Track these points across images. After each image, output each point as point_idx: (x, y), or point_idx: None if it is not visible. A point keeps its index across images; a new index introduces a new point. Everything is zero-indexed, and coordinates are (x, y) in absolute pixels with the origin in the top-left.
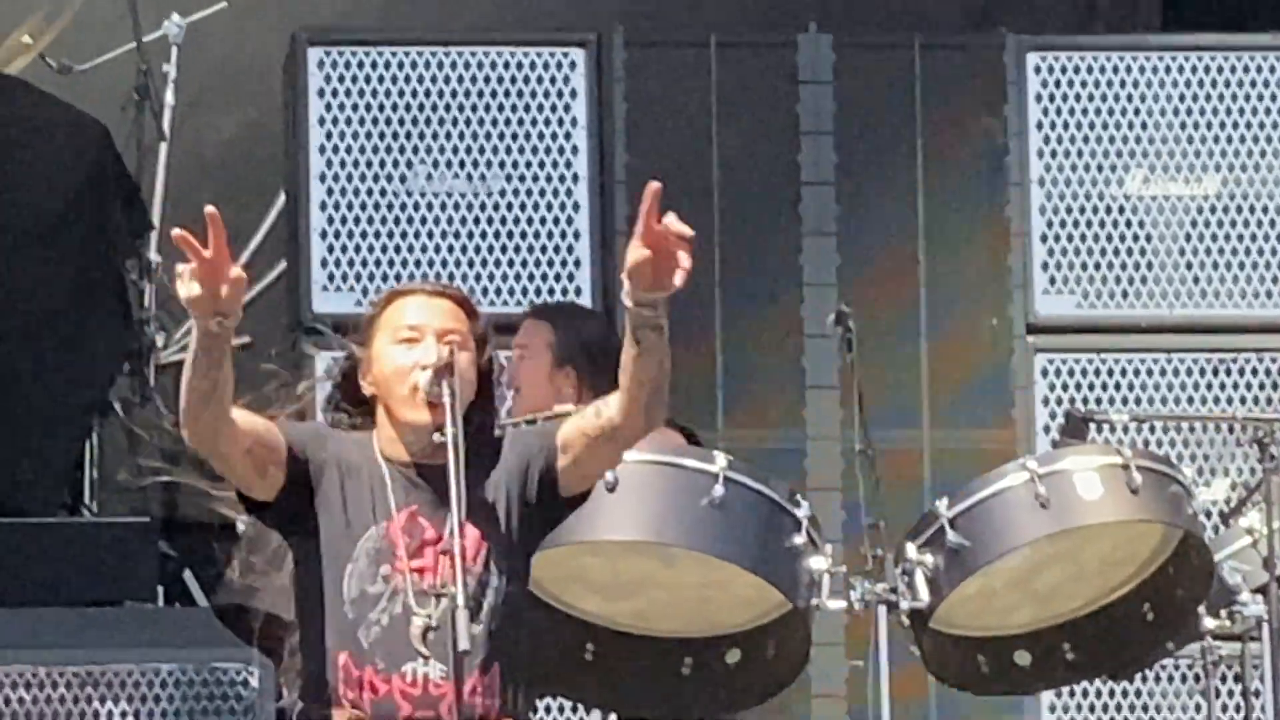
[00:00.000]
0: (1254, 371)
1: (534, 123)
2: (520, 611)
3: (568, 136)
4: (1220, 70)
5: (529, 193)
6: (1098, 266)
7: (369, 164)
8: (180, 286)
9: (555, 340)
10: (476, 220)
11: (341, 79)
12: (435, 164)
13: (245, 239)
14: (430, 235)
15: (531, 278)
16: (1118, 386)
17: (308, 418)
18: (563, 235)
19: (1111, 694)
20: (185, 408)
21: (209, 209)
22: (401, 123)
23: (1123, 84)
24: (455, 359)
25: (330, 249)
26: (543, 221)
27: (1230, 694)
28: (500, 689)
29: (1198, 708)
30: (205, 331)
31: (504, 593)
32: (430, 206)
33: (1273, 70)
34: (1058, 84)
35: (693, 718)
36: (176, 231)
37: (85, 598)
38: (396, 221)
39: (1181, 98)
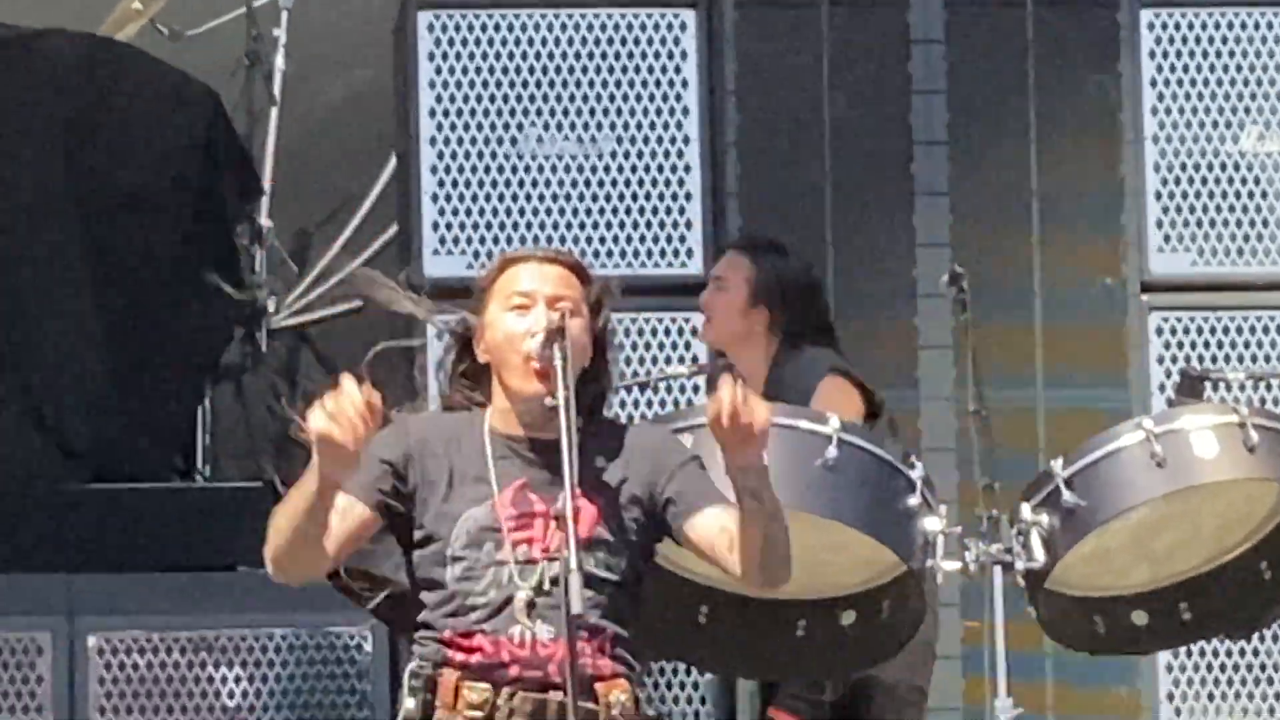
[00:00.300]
0: None
1: (645, 84)
2: (630, 587)
3: (678, 98)
4: None
5: (639, 155)
6: (1212, 224)
7: (479, 127)
8: (316, 420)
9: (753, 277)
10: (587, 183)
11: (452, 42)
12: (546, 126)
13: (356, 203)
14: (541, 198)
15: (642, 239)
16: (1233, 344)
17: (420, 395)
18: (674, 197)
19: (1229, 654)
20: (283, 549)
21: (370, 399)
22: (512, 85)
23: (1237, 40)
24: (566, 324)
25: (441, 212)
26: (654, 184)
27: None
28: (611, 652)
29: None
30: (327, 478)
31: (617, 570)
32: (541, 169)
33: None
34: (1171, 40)
35: (808, 679)
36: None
37: (198, 563)
38: (507, 184)
39: None
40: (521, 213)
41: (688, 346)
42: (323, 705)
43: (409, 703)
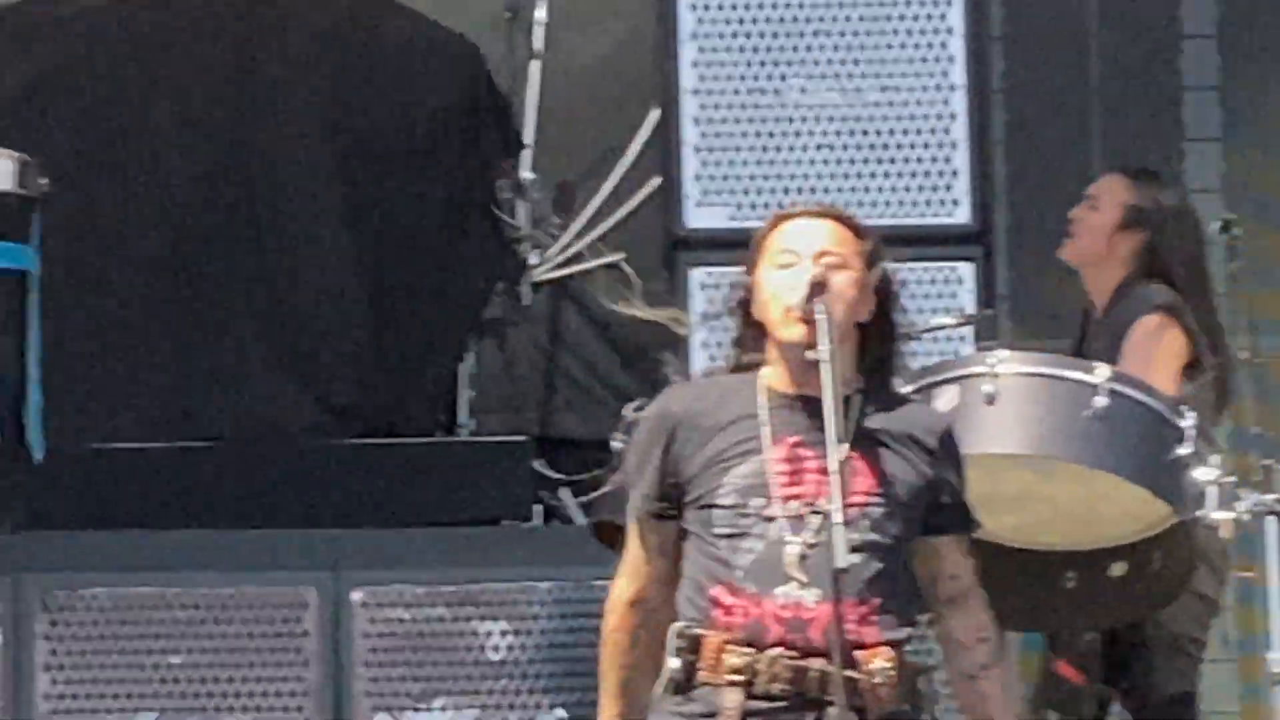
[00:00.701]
0: None
1: (909, 32)
2: (901, 554)
3: (944, 45)
4: None
5: (904, 103)
6: None
7: (742, 78)
8: None
9: (1130, 200)
10: (851, 132)
11: None
12: (809, 76)
13: (617, 155)
14: (804, 148)
15: (907, 189)
16: None
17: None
18: (939, 145)
19: None
20: None
21: None
22: (775, 35)
23: None
24: (828, 278)
25: (703, 164)
26: (918, 132)
27: None
28: (878, 620)
29: None
30: None
31: (889, 535)
32: (804, 119)
33: None
34: None
35: (1077, 631)
36: None
37: (462, 517)
38: (770, 135)
39: None
40: (784, 163)
41: (954, 297)
42: (587, 659)
43: (673, 662)
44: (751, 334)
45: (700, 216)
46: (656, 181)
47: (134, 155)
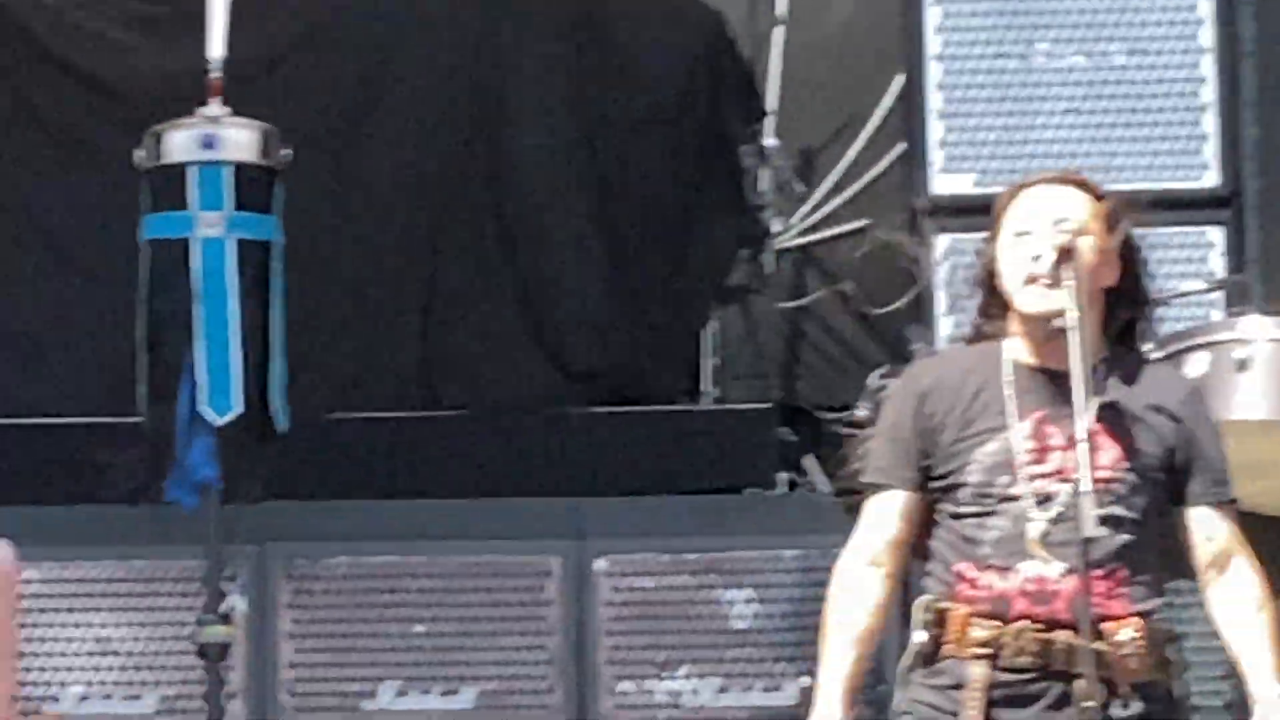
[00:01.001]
0: None
1: None
2: (1150, 528)
3: (1191, 7)
4: None
5: (1151, 67)
6: None
7: (987, 43)
8: None
9: None
10: (1097, 97)
11: None
12: (1054, 40)
13: (861, 121)
14: (1050, 113)
15: (1155, 153)
16: None
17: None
18: (1187, 109)
19: None
20: None
21: None
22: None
23: None
24: (1073, 244)
25: (948, 129)
26: (1165, 96)
27: None
28: (1125, 593)
29: None
30: None
31: (1136, 510)
32: (1049, 84)
33: None
34: None
35: None
36: None
37: (706, 485)
38: (1015, 100)
39: None
40: (1030, 129)
41: (1203, 262)
42: None
43: (919, 636)
44: (993, 304)
45: (945, 182)
46: (901, 148)
47: (377, 125)
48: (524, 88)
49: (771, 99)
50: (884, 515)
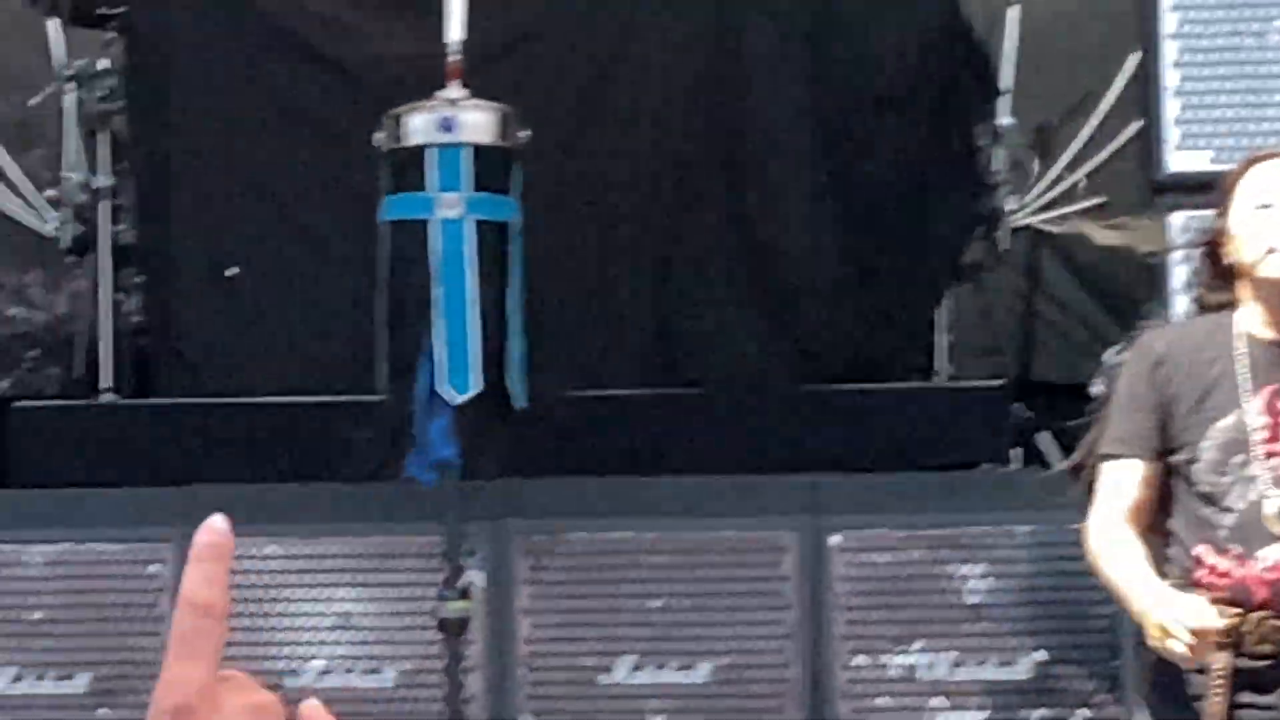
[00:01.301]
0: None
1: None
2: None
3: None
4: None
5: None
6: None
7: (1223, 21)
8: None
9: None
10: None
11: None
12: None
13: (1096, 99)
14: None
15: None
16: None
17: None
18: None
19: None
20: None
21: None
22: None
23: None
24: None
25: (1184, 107)
26: None
27: None
28: None
29: None
30: None
31: None
32: None
33: None
34: None
35: None
36: None
37: (941, 461)
38: (1252, 78)
39: None
40: (1266, 107)
41: None
42: (1066, 603)
43: None
44: (1219, 278)
45: (1181, 160)
46: (1137, 125)
47: (614, 105)
48: (759, 68)
49: (1006, 77)
50: (1123, 484)
